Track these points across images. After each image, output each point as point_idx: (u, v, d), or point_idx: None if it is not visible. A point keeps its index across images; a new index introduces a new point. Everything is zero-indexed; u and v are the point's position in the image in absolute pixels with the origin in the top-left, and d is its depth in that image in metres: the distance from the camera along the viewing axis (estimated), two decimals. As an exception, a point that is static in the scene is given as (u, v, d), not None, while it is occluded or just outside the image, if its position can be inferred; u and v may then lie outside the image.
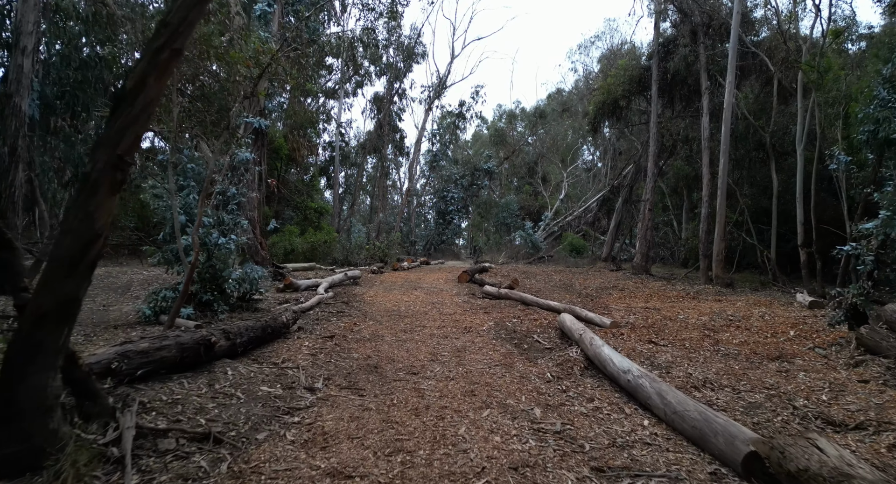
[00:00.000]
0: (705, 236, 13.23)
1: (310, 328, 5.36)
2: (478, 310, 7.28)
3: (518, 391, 3.60)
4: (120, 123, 2.04)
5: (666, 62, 15.17)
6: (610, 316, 7.09)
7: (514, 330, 5.89)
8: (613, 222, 18.72)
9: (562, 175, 27.27)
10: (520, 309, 7.38)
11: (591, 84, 21.79)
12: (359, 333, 5.37)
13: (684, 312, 7.63)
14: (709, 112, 13.75)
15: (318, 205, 15.70)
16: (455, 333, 5.70)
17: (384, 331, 5.61)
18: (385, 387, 3.52)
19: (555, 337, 5.63)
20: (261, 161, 9.47)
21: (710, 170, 13.48)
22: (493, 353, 4.81)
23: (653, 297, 9.74)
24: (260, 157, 9.43)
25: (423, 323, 6.17)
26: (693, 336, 5.70)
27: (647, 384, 3.46)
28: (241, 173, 8.34)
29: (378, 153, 24.70)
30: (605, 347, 4.33)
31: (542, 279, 12.95)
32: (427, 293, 9.10)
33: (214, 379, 3.17)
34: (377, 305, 7.47)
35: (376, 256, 16.06)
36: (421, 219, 26.57)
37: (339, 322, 5.89)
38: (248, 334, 3.88)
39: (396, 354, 4.59)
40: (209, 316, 5.43)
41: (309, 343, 4.61)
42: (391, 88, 23.26)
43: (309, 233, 13.99)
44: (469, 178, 25.97)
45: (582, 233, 24.84)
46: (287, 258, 13.12)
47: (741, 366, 4.63)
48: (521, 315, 6.81)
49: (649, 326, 6.21)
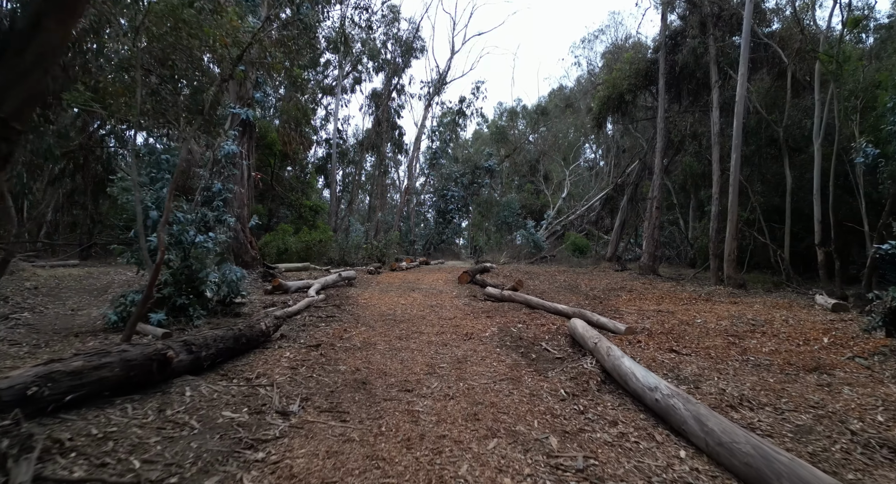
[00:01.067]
0: (715, 235, 12.71)
1: (294, 336, 4.84)
2: (480, 314, 6.76)
3: (529, 413, 3.09)
4: (4, 78, 1.52)
5: (674, 55, 14.65)
6: (622, 320, 6.57)
7: (520, 337, 5.37)
8: (618, 221, 18.20)
9: (564, 173, 26.75)
10: (525, 313, 6.87)
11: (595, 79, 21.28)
12: (348, 341, 4.85)
13: (701, 316, 7.11)
14: (719, 106, 13.23)
15: (314, 203, 15.17)
16: (455, 340, 5.19)
17: (377, 338, 5.09)
18: (373, 409, 3.01)
19: (565, 345, 5.12)
20: (249, 155, 8.98)
21: (720, 166, 12.97)
22: (498, 364, 4.29)
23: (664, 299, 9.22)
24: (248, 150, 8.93)
25: (420, 329, 5.66)
26: (717, 344, 5.18)
27: (680, 406, 2.94)
28: (228, 167, 7.83)
29: (376, 151, 24.17)
30: (626, 359, 3.82)
31: (546, 280, 12.43)
32: (425, 295, 8.59)
33: (167, 402, 2.65)
34: (371, 308, 6.95)
35: (374, 255, 15.54)
36: (420, 218, 26.04)
37: (328, 328, 5.38)
38: (217, 345, 3.36)
39: (389, 365, 4.08)
40: (184, 322, 4.91)
41: (290, 354, 4.10)
42: (389, 84, 22.71)
43: (303, 232, 13.48)
44: (469, 177, 25.44)
45: (585, 232, 24.33)
46: (280, 258, 12.61)
47: (777, 379, 4.11)
48: (527, 320, 6.30)
49: (667, 332, 5.69)
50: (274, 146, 13.48)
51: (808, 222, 13.86)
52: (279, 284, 7.66)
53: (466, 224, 32.85)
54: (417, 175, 25.66)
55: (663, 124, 14.60)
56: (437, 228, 25.22)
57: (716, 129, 13.09)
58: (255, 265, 9.85)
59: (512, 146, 27.47)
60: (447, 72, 23.46)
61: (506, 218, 24.68)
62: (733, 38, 13.81)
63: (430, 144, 24.35)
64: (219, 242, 5.50)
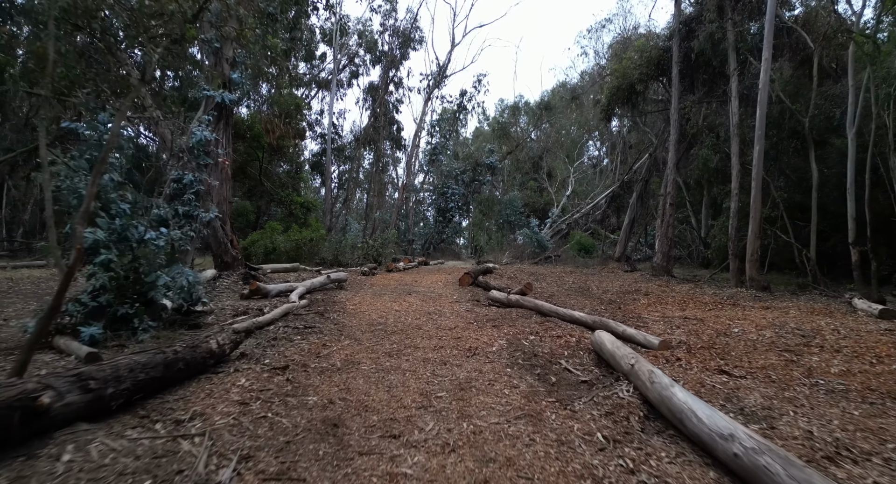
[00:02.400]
0: (735, 234, 11.83)
1: (258, 354, 3.96)
2: (484, 322, 5.88)
3: (561, 477, 2.21)
4: None
5: (688, 42, 13.77)
6: (648, 330, 5.70)
7: (534, 353, 4.49)
8: (627, 219, 17.32)
9: (568, 171, 25.85)
10: (536, 321, 5.98)
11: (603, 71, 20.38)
12: (326, 360, 3.97)
13: (736, 324, 6.23)
14: (738, 95, 12.35)
15: (306, 200, 14.30)
16: (456, 356, 4.31)
17: (362, 355, 4.21)
18: (341, 472, 2.13)
19: (590, 363, 4.24)
20: (226, 143, 8.10)
21: (739, 159, 12.09)
22: (511, 391, 3.42)
23: (686, 303, 8.34)
24: (225, 138, 8.06)
25: (414, 342, 4.78)
26: (772, 362, 4.29)
27: (779, 470, 2.06)
28: (201, 156, 6.95)
29: (374, 146, 23.28)
30: (677, 390, 2.94)
31: (554, 282, 11.55)
32: (423, 300, 7.70)
33: (23, 477, 1.76)
34: (360, 316, 6.07)
35: (369, 255, 14.67)
36: (419, 217, 25.14)
37: (304, 343, 4.50)
38: (136, 376, 2.49)
39: (373, 395, 3.20)
40: (126, 337, 4.04)
41: (247, 381, 3.22)
42: (386, 76, 21.80)
43: (293, 230, 12.60)
44: (470, 174, 24.55)
45: (590, 231, 23.46)
46: (268, 258, 11.74)
47: (863, 411, 3.23)
48: (540, 330, 5.42)
49: (708, 345, 4.81)
50: (261, 138, 12.59)
51: (833, 219, 12.98)
52: (257, 287, 6.78)
53: (467, 223, 31.97)
54: (416, 172, 24.76)
55: (677, 116, 13.72)
56: (437, 227, 24.32)
57: (735, 119, 12.21)
58: (237, 266, 8.98)
59: (514, 142, 26.56)
60: (447, 65, 22.60)
61: (508, 216, 23.80)
62: (753, 23, 12.93)
63: (430, 140, 23.44)
64: (175, 239, 4.61)
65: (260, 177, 13.49)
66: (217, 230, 8.71)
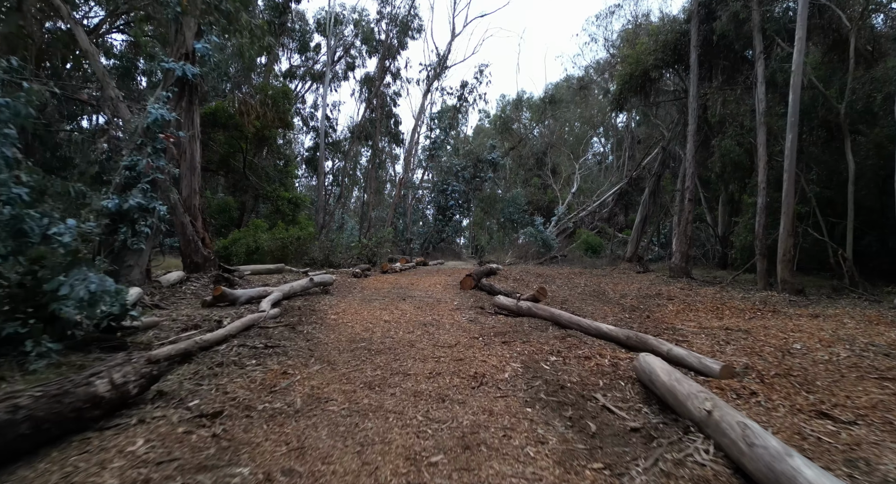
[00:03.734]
0: (763, 232, 10.79)
1: (188, 391, 2.91)
2: (491, 337, 4.83)
3: None
4: None
5: (708, 23, 12.73)
6: (689, 345, 4.66)
7: (560, 383, 3.44)
8: (638, 217, 16.27)
9: (573, 167, 24.78)
10: (554, 335, 4.93)
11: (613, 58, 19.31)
12: (283, 397, 2.93)
13: (793, 338, 5.19)
14: (765, 80, 11.31)
15: (294, 195, 13.23)
16: (458, 388, 3.27)
17: (334, 387, 3.17)
18: None
19: (635, 397, 3.19)
20: (190, 124, 7.01)
21: (767, 150, 11.04)
22: (536, 450, 2.37)
23: (721, 310, 7.30)
24: (188, 118, 6.98)
25: (405, 365, 3.74)
26: (878, 396, 3.24)
27: None
28: (159, 140, 5.90)
29: (371, 141, 22.22)
30: (799, 462, 1.89)
31: (564, 284, 10.51)
32: (418, 307, 6.65)
33: None
34: (341, 329, 5.02)
35: (363, 255, 13.63)
36: (418, 215, 24.08)
37: (258, 370, 3.45)
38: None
39: (336, 463, 2.16)
40: (13, 365, 2.99)
41: (146, 443, 2.17)
42: (383, 67, 20.72)
43: (278, 228, 11.55)
44: (471, 170, 23.48)
45: (597, 230, 22.41)
46: (250, 259, 10.70)
47: None
48: (561, 347, 4.37)
49: (782, 371, 3.76)
50: (244, 128, 11.53)
51: (866, 216, 11.96)
52: (221, 293, 5.73)
53: (467, 222, 30.89)
54: (415, 168, 23.70)
55: (696, 104, 12.68)
56: (437, 226, 23.26)
57: (761, 107, 11.17)
58: (209, 267, 7.94)
59: (517, 138, 25.48)
60: (447, 55, 21.53)
61: (511, 215, 22.75)
62: (779, 2, 11.89)
63: (430, 134, 22.36)
64: (86, 233, 3.56)
65: (244, 170, 12.44)
66: (185, 227, 7.66)
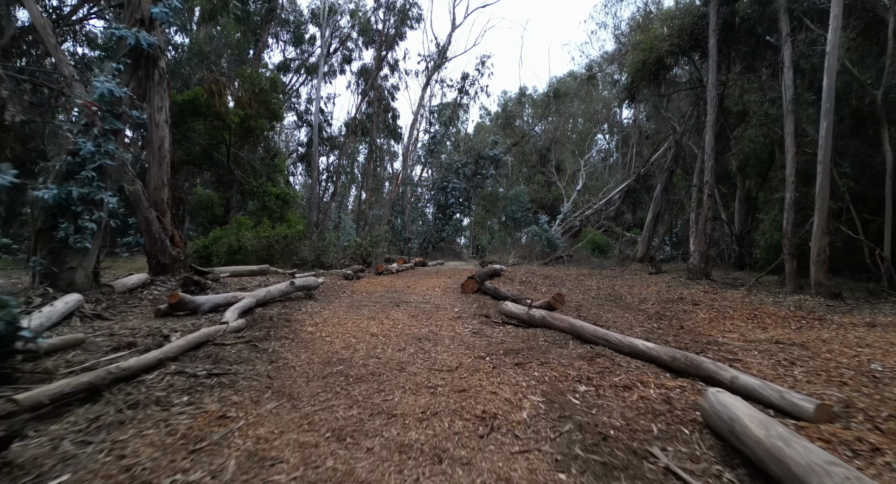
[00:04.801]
0: (791, 229, 9.88)
1: (58, 459, 2.00)
2: (501, 355, 3.92)
3: None
4: None
5: (728, 5, 11.82)
6: (742, 364, 3.76)
7: (599, 429, 2.52)
8: (650, 215, 15.34)
9: (578, 163, 23.85)
10: (578, 353, 4.02)
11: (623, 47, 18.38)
12: (208, 461, 2.02)
13: (865, 354, 4.27)
14: (792, 65, 10.39)
15: (283, 191, 12.28)
16: (461, 439, 2.36)
17: (287, 440, 2.26)
18: None
19: (706, 453, 2.28)
20: (151, 105, 6.06)
21: (795, 141, 10.13)
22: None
23: (761, 319, 6.39)
24: (149, 97, 6.02)
25: (390, 400, 2.83)
26: None
27: None
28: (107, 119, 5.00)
29: (367, 136, 21.28)
30: None
31: (575, 287, 9.61)
32: (414, 315, 5.74)
33: None
34: (316, 346, 4.11)
35: (357, 255, 12.72)
36: (417, 213, 23.13)
37: (186, 413, 2.54)
38: None
39: None
40: None
41: None
42: (380, 57, 19.76)
43: (263, 226, 10.64)
44: (472, 167, 22.55)
45: (603, 229, 21.50)
46: (232, 259, 9.80)
47: None
48: (591, 371, 3.46)
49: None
50: (226, 117, 10.58)
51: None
52: (179, 300, 4.82)
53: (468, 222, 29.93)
54: (414, 164, 22.75)
55: (715, 92, 11.75)
56: (436, 225, 22.33)
57: (789, 93, 10.25)
58: (178, 269, 7.03)
59: (519, 134, 24.53)
60: (447, 47, 20.61)
61: (513, 213, 21.84)
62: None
63: (429, 128, 21.40)
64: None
65: (228, 163, 11.52)
66: (151, 223, 6.75)
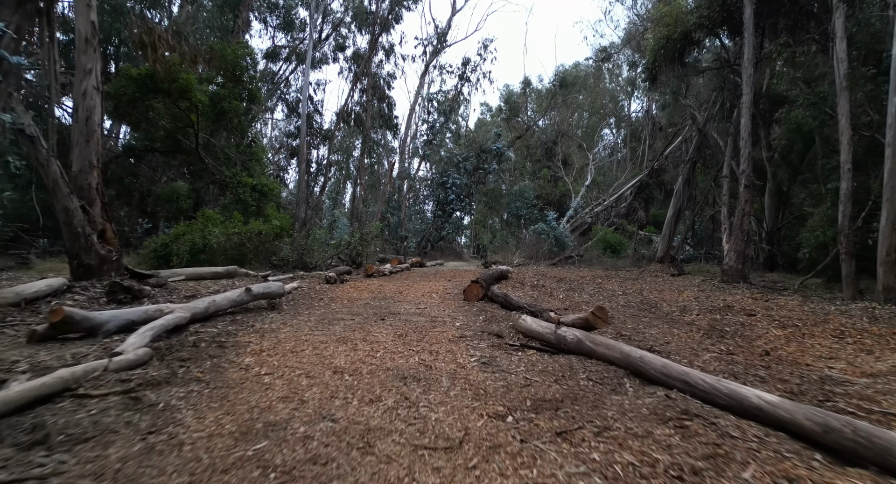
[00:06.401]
0: (849, 225, 8.46)
1: None
2: (530, 415, 2.50)
3: None
4: None
5: (767, -29, 10.41)
6: None
7: None
8: (671, 211, 13.91)
9: (587, 157, 22.41)
10: (648, 406, 2.59)
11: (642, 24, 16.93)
12: None
13: None
14: (846, 35, 8.97)
15: (261, 182, 10.80)
16: None
17: None
18: None
19: None
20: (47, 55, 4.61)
21: (850, 122, 8.71)
22: None
23: (852, 336, 4.96)
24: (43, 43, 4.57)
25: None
26: None
27: None
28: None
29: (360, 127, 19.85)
30: None
31: (597, 292, 8.19)
32: (401, 335, 4.32)
33: None
34: (242, 395, 2.68)
35: (346, 254, 11.30)
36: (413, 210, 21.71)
37: None
38: None
39: None
40: None
41: None
42: (374, 41, 18.30)
43: (233, 221, 9.19)
44: (474, 161, 21.12)
45: (614, 227, 20.08)
46: (196, 259, 8.37)
47: None
48: (689, 450, 2.02)
49: None
50: (193, 95, 9.12)
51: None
52: (64, 318, 3.39)
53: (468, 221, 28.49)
54: (411, 156, 21.29)
55: (752, 70, 10.34)
56: (436, 223, 20.90)
57: (843, 68, 8.80)
58: (108, 272, 5.61)
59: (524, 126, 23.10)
60: (447, 31, 19.20)
61: (518, 210, 20.41)
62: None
63: (427, 118, 19.95)
64: None
65: (197, 150, 10.07)
66: (72, 214, 5.33)
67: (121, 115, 9.96)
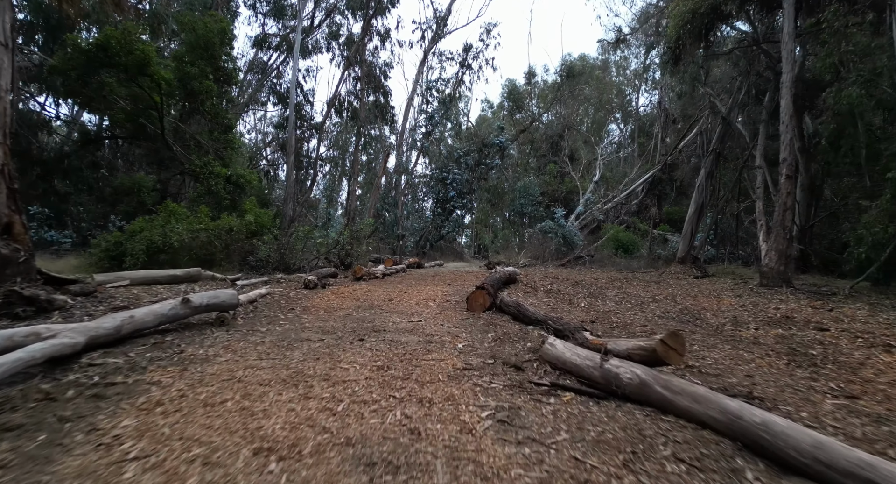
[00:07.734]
0: (915, 221, 7.24)
1: None
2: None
3: None
4: None
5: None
6: None
7: None
8: (693, 207, 12.70)
9: (594, 152, 21.20)
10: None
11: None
12: None
13: None
14: (907, 2, 7.76)
15: (236, 172, 9.54)
16: None
17: None
18: None
19: None
20: None
21: (915, 102, 7.49)
22: None
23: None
24: None
25: None
26: None
27: None
28: None
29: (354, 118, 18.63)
30: None
31: (621, 298, 6.97)
32: (382, 367, 3.10)
33: None
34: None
35: (334, 254, 10.10)
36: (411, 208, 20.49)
37: None
38: None
39: None
40: None
41: None
42: (368, 23, 17.06)
43: (198, 215, 7.96)
44: (475, 156, 19.91)
45: (625, 225, 18.86)
46: (154, 260, 7.15)
47: None
48: None
49: None
50: (153, 70, 7.90)
51: None
52: None
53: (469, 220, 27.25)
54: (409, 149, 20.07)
55: (792, 44, 9.12)
56: (435, 221, 19.68)
57: (904, 40, 7.61)
58: (12, 276, 4.40)
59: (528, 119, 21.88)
60: (447, 17, 18.01)
61: (522, 207, 19.19)
62: None
63: (426, 107, 18.73)
64: None
65: (162, 135, 8.83)
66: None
67: (70, 93, 8.74)
